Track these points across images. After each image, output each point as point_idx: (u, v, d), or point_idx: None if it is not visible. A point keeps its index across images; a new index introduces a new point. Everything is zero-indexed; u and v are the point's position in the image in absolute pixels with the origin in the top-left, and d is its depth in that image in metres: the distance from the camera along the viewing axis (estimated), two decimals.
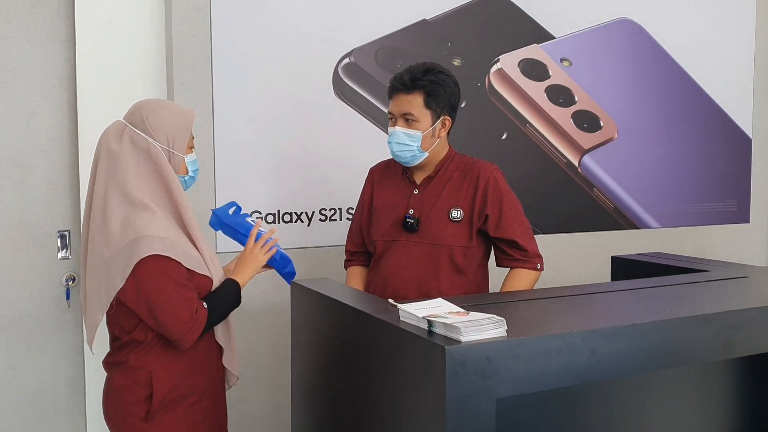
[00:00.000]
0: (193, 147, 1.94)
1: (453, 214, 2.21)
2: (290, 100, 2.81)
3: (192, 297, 1.78)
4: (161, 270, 1.74)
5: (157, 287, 1.73)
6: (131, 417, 1.83)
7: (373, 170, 2.42)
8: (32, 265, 2.57)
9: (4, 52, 2.50)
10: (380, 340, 1.68)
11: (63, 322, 2.63)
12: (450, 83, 2.20)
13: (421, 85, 2.16)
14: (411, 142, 2.18)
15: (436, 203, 2.23)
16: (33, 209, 2.56)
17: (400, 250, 2.25)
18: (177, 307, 1.74)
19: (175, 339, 1.77)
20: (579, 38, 3.37)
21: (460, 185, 2.23)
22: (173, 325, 1.74)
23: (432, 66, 2.20)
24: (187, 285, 1.78)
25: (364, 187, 2.42)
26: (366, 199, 2.39)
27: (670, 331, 1.69)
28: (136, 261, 1.72)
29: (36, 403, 2.60)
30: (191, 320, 1.76)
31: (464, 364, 1.43)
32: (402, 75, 2.19)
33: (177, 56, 2.61)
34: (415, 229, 2.23)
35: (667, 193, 3.63)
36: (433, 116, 2.18)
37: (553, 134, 3.31)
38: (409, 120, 2.17)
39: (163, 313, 1.74)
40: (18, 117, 2.53)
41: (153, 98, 1.99)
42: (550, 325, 1.69)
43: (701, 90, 3.68)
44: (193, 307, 1.77)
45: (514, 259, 2.24)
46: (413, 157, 2.21)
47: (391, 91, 2.23)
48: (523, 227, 2.26)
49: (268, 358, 2.83)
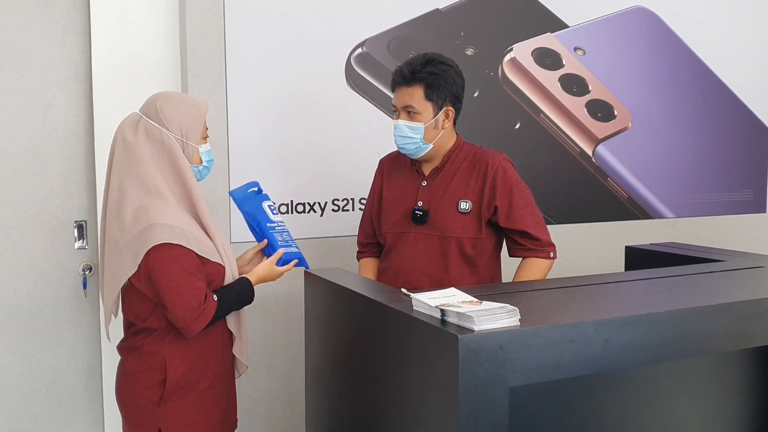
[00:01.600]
0: (207, 137, 1.96)
1: (461, 205, 2.20)
2: (303, 91, 2.81)
3: (201, 286, 1.80)
4: (173, 257, 1.76)
5: (167, 274, 1.76)
6: (144, 401, 1.86)
7: (383, 161, 2.42)
8: (50, 255, 2.60)
9: (21, 44, 2.52)
10: (393, 329, 1.69)
11: (80, 311, 2.66)
12: (451, 73, 2.18)
13: (420, 77, 2.15)
14: (414, 134, 2.17)
15: (445, 195, 2.23)
16: (50, 200, 2.59)
17: (410, 242, 2.26)
18: (185, 295, 1.76)
19: (181, 327, 1.79)
20: (593, 27, 3.35)
21: (469, 176, 2.22)
22: (180, 313, 1.76)
23: (432, 57, 2.18)
24: (197, 274, 1.80)
25: (375, 179, 2.42)
26: (376, 191, 2.39)
27: (685, 321, 1.69)
28: (149, 248, 1.75)
29: (54, 391, 2.64)
30: (198, 309, 1.78)
31: (477, 353, 1.43)
32: (402, 68, 2.19)
33: (191, 48, 2.62)
34: (425, 221, 2.23)
35: (681, 183, 3.60)
36: (435, 108, 2.17)
37: (567, 124, 3.30)
38: (410, 113, 2.17)
39: (171, 300, 1.76)
40: (35, 109, 2.55)
41: (167, 90, 2.02)
42: (564, 315, 1.69)
43: (717, 79, 3.64)
44: (201, 297, 1.79)
45: (527, 249, 2.23)
46: (417, 149, 2.20)
47: (393, 84, 2.22)
48: (534, 217, 2.24)
49: (282, 347, 2.85)
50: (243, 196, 2.15)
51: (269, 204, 2.16)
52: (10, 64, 2.51)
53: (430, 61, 2.17)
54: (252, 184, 2.18)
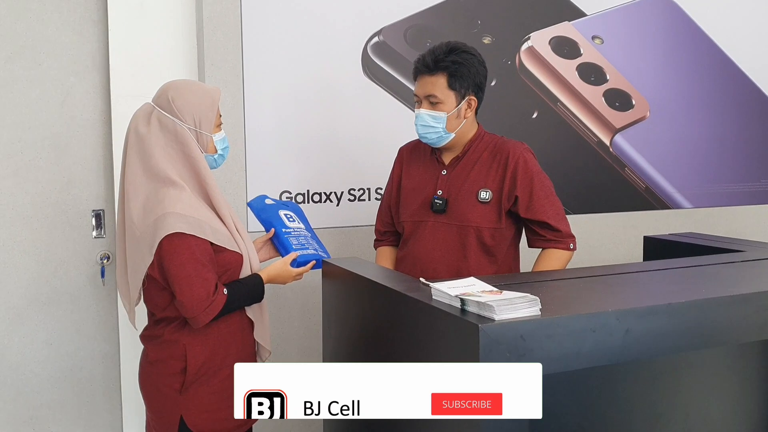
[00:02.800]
0: (221, 125, 1.96)
1: (482, 195, 2.19)
2: (320, 80, 2.81)
3: (211, 278, 1.80)
4: (185, 246, 1.77)
5: (178, 264, 1.76)
6: (166, 389, 1.88)
7: (403, 150, 2.41)
8: (68, 244, 2.62)
9: (39, 33, 2.52)
10: (412, 318, 1.69)
11: (98, 300, 2.68)
12: (474, 62, 2.17)
13: (443, 66, 2.13)
14: (436, 123, 2.16)
15: (464, 184, 2.22)
16: (68, 189, 2.60)
17: (429, 231, 2.25)
18: (194, 286, 1.76)
19: (189, 317, 1.80)
20: (611, 15, 3.31)
21: (489, 166, 2.21)
22: (189, 303, 1.77)
23: (455, 46, 2.17)
24: (208, 265, 1.80)
25: (394, 167, 2.41)
26: (395, 179, 2.38)
27: (706, 311, 1.67)
28: (162, 237, 1.75)
29: (72, 379, 2.66)
30: (207, 300, 1.78)
31: (498, 343, 1.43)
32: (425, 56, 2.17)
33: (207, 37, 2.62)
34: (444, 210, 2.22)
35: (699, 173, 3.57)
36: (458, 97, 2.16)
37: (585, 113, 3.27)
38: (433, 102, 2.16)
39: (181, 289, 1.77)
40: (53, 98, 2.56)
41: (179, 79, 2.02)
42: (584, 305, 1.68)
43: (737, 68, 3.60)
44: (210, 288, 1.79)
45: (547, 240, 2.22)
46: (439, 138, 2.19)
47: (415, 72, 2.21)
48: (555, 207, 2.22)
49: (298, 336, 2.86)
50: (261, 206, 2.23)
51: (285, 213, 2.22)
52: (28, 54, 2.52)
53: (453, 50, 2.15)
54: (261, 198, 2.28)
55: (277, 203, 2.29)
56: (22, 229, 2.55)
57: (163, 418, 1.90)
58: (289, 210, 2.28)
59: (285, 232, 2.16)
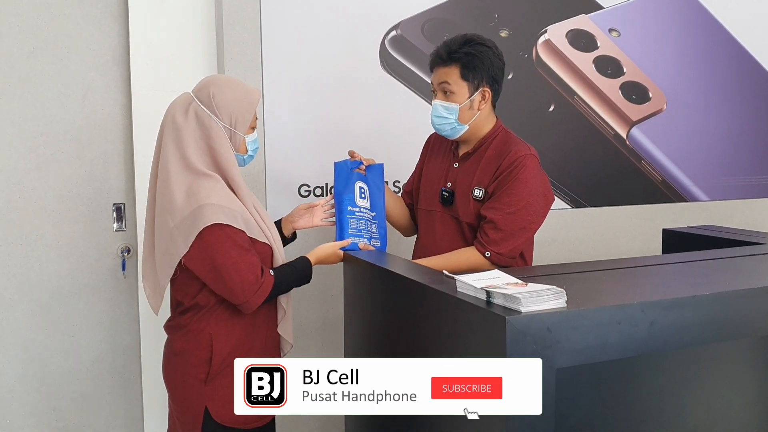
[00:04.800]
0: (255, 127, 1.97)
1: (476, 192, 2.18)
2: (338, 74, 2.81)
3: (256, 262, 1.84)
4: (226, 235, 1.79)
5: (223, 252, 1.78)
6: (191, 379, 1.89)
7: (431, 138, 2.42)
8: (89, 237, 2.64)
9: (60, 28, 2.54)
10: (437, 310, 1.69)
11: (119, 292, 2.70)
12: (489, 54, 2.16)
13: (457, 57, 2.13)
14: (448, 114, 2.16)
15: (467, 179, 2.21)
16: (89, 182, 2.62)
17: (437, 222, 2.27)
18: (242, 271, 1.80)
19: (240, 302, 1.82)
20: (628, 8, 3.31)
21: (490, 163, 2.18)
22: (239, 288, 1.79)
23: (471, 38, 2.16)
24: (251, 250, 1.84)
25: (422, 152, 2.44)
26: (419, 166, 2.42)
27: (731, 304, 1.67)
28: (201, 228, 1.77)
29: (94, 370, 2.69)
30: (257, 283, 1.82)
31: (525, 334, 1.43)
32: (440, 48, 2.17)
33: (227, 31, 2.63)
34: (450, 202, 2.23)
35: (716, 166, 3.56)
36: (471, 88, 2.15)
37: (601, 106, 3.27)
38: (446, 92, 2.15)
39: (230, 276, 1.79)
40: (74, 93, 2.58)
41: (222, 75, 2.04)
42: (609, 297, 1.68)
43: (754, 60, 3.59)
44: (257, 271, 1.83)
45: (476, 237, 2.11)
46: (453, 129, 2.19)
47: (431, 64, 2.21)
48: (511, 217, 2.06)
49: (317, 327, 2.88)
50: (340, 170, 2.24)
51: (360, 186, 2.22)
52: (50, 49, 2.54)
53: (468, 41, 2.15)
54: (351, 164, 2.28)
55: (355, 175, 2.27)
56: (45, 222, 2.57)
57: (187, 409, 1.91)
58: (366, 183, 2.27)
59: (349, 212, 2.18)
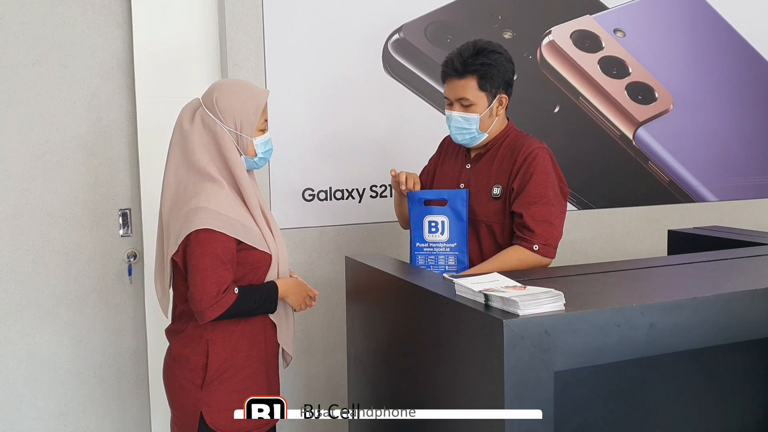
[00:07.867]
0: (265, 129, 1.95)
1: (494, 191, 2.19)
2: (341, 77, 2.82)
3: (226, 277, 1.81)
4: (209, 242, 1.78)
5: (198, 256, 1.78)
6: (188, 384, 1.89)
7: (446, 139, 2.43)
8: (95, 242, 2.66)
9: (65, 36, 2.57)
10: (436, 313, 1.70)
11: (125, 297, 2.72)
12: (502, 61, 2.16)
13: (473, 69, 2.13)
14: (469, 125, 2.17)
15: (483, 180, 2.22)
16: (95, 188, 2.65)
17: None
18: (207, 281, 1.78)
19: (196, 310, 1.81)
20: (633, 8, 3.29)
21: (504, 162, 2.20)
22: (198, 296, 1.79)
23: (482, 46, 2.15)
24: (227, 264, 1.81)
25: (435, 153, 2.45)
26: (431, 165, 2.42)
27: (732, 305, 1.66)
28: (191, 231, 1.78)
29: (101, 375, 2.71)
30: (216, 297, 1.79)
31: (522, 338, 1.43)
32: (453, 60, 2.16)
33: (230, 36, 2.65)
34: None
35: (724, 166, 3.54)
36: (489, 97, 2.16)
37: (607, 107, 3.26)
38: (465, 105, 2.16)
39: (194, 282, 1.79)
40: (79, 99, 2.60)
41: (229, 79, 2.04)
42: (608, 299, 1.67)
43: (761, 59, 3.56)
44: (222, 286, 1.80)
45: (516, 236, 2.13)
46: (473, 138, 2.20)
47: (444, 76, 2.21)
48: (542, 208, 2.09)
49: (321, 332, 2.88)
50: (411, 202, 2.27)
51: (431, 221, 2.22)
52: (55, 56, 2.56)
53: (480, 51, 2.14)
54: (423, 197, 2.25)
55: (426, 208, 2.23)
56: (51, 228, 2.60)
57: (184, 414, 1.91)
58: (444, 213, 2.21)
59: (417, 248, 2.22)
